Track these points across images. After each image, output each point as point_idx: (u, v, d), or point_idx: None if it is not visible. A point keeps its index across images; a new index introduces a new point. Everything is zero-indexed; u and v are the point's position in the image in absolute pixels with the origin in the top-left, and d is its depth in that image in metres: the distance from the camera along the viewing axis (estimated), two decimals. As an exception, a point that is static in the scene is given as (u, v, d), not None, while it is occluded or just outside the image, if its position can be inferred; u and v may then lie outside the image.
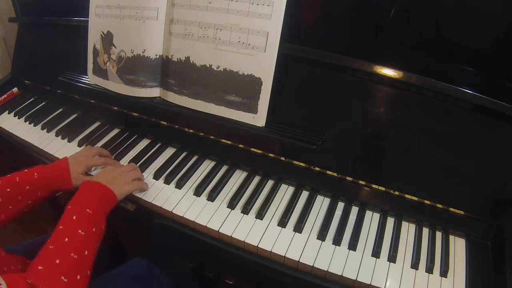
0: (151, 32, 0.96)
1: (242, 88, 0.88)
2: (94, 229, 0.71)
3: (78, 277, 0.63)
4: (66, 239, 0.66)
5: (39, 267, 0.61)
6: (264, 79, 0.86)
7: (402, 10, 0.79)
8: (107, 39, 1.03)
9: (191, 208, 0.86)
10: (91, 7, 1.05)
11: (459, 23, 0.78)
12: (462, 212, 0.80)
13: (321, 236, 0.80)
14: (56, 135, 1.12)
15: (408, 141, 0.82)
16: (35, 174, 0.82)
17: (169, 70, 0.97)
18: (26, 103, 1.29)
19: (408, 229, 0.84)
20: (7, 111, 1.26)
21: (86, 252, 0.67)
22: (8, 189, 0.79)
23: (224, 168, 0.98)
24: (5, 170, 0.88)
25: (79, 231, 0.68)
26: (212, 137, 0.97)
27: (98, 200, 0.76)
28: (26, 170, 0.83)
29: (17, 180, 0.80)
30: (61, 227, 0.68)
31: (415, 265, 0.76)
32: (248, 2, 0.84)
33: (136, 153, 1.03)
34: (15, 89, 1.35)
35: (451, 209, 0.81)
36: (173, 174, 0.95)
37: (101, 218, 0.74)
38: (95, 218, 0.72)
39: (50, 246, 0.65)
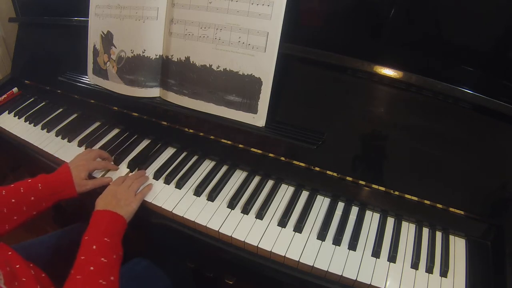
0: (151, 32, 0.96)
1: (242, 88, 0.88)
2: (115, 256, 0.71)
3: None
4: (92, 268, 0.66)
5: None
6: (264, 79, 0.86)
7: (402, 10, 0.79)
8: (107, 39, 1.03)
9: (191, 208, 0.86)
10: (91, 7, 1.05)
11: (459, 23, 0.78)
12: (462, 212, 0.80)
13: (321, 236, 0.81)
14: (56, 135, 1.12)
15: (408, 141, 0.82)
16: (39, 185, 0.82)
17: (169, 70, 0.97)
18: (26, 103, 1.29)
19: (408, 229, 0.84)
20: (7, 111, 1.26)
21: (112, 278, 0.67)
22: (13, 200, 0.79)
23: (224, 168, 0.98)
24: (5, 170, 0.88)
25: (102, 259, 0.68)
26: (212, 137, 0.97)
27: (112, 227, 0.76)
28: (30, 181, 0.84)
29: (22, 190, 0.80)
30: (83, 257, 0.69)
31: (415, 265, 0.76)
32: (248, 2, 0.84)
33: (136, 153, 1.03)
34: (15, 89, 1.34)
35: (451, 209, 0.81)
36: (173, 174, 0.95)
37: (118, 245, 0.75)
38: (114, 245, 0.73)
39: (78, 276, 0.65)
